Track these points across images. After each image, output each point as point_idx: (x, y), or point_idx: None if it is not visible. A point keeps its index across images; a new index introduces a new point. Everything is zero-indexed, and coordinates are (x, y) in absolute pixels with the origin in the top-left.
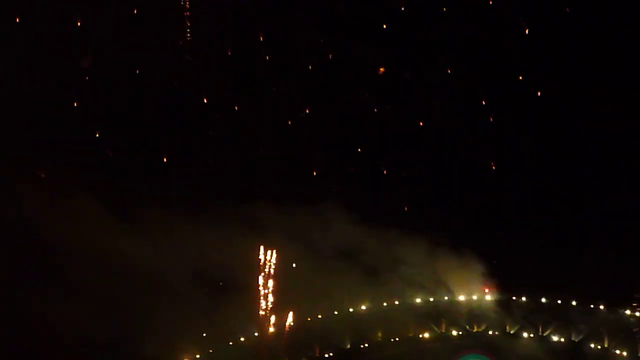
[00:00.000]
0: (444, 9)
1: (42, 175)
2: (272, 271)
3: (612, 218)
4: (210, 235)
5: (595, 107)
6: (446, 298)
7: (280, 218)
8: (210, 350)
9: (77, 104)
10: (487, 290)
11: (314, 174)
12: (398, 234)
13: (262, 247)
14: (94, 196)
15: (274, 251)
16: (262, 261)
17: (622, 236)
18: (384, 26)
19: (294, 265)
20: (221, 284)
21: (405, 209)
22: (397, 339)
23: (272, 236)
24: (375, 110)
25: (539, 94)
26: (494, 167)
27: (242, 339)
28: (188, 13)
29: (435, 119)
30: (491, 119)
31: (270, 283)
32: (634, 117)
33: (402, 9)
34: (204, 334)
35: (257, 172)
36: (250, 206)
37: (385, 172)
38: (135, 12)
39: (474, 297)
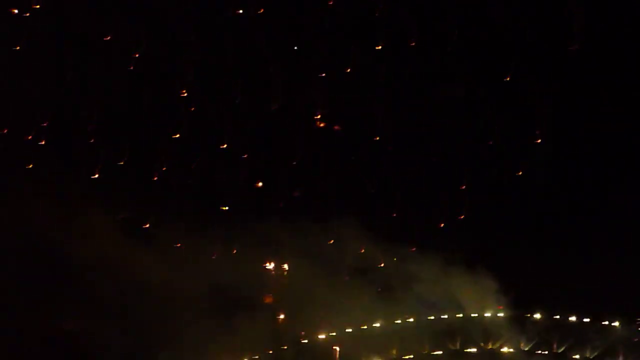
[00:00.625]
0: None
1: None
2: (285, 288)
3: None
4: (223, 251)
5: (595, 107)
6: (460, 315)
7: (293, 235)
8: None
9: (90, 115)
10: (501, 307)
11: (327, 190)
12: (411, 251)
13: (275, 264)
14: (107, 212)
15: (287, 268)
16: (275, 278)
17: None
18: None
19: (306, 282)
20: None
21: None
22: (411, 356)
23: (285, 253)
24: (388, 125)
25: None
26: (506, 182)
27: (256, 357)
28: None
29: (446, 131)
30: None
31: (284, 300)
32: (634, 117)
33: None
34: (218, 351)
35: (271, 188)
36: (263, 223)
37: (398, 188)
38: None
39: (488, 314)
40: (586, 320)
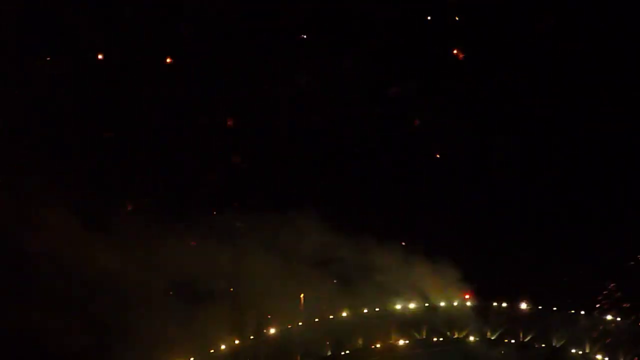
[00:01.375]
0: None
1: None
2: (251, 279)
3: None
4: (186, 244)
5: (595, 107)
6: (426, 305)
7: (256, 226)
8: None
9: (52, 107)
10: (467, 297)
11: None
12: (376, 242)
13: (236, 256)
14: (67, 204)
15: (253, 260)
16: (241, 270)
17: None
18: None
19: (271, 273)
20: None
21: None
22: (377, 345)
23: (250, 244)
24: (349, 114)
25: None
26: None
27: (222, 347)
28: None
29: (417, 119)
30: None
31: (250, 291)
32: (634, 117)
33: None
34: (183, 343)
35: (233, 180)
36: (227, 214)
37: (360, 178)
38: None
39: (454, 304)
40: (552, 309)
